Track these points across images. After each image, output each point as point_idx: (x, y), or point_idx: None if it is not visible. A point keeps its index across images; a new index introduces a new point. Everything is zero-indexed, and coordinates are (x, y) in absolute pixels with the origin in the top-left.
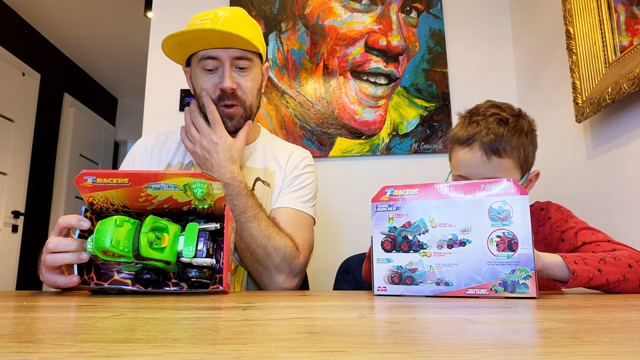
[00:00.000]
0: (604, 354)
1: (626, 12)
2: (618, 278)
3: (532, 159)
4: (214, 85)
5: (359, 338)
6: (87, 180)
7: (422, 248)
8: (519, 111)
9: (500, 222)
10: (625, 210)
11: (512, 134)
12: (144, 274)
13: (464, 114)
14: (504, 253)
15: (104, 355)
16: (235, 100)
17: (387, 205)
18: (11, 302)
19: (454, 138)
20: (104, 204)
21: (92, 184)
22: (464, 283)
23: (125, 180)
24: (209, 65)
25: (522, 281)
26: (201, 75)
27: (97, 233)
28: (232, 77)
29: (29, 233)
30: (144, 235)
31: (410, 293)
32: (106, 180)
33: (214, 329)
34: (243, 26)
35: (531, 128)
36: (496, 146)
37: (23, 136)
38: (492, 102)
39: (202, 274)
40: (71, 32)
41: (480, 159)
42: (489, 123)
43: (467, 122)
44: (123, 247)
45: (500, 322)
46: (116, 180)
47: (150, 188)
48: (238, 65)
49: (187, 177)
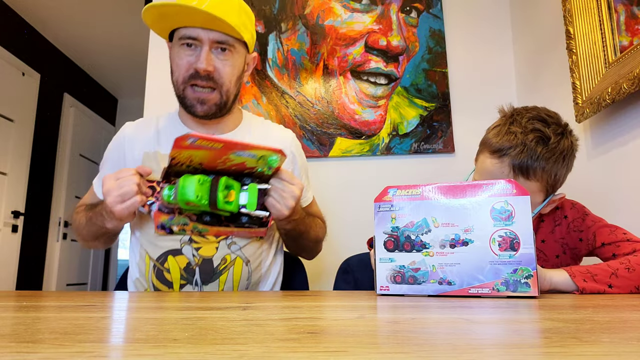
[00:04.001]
0: (604, 354)
1: (626, 12)
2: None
3: (562, 182)
4: (189, 63)
5: (359, 338)
6: (187, 140)
7: (425, 248)
8: (564, 128)
9: (502, 222)
10: (626, 210)
11: (548, 158)
12: (204, 217)
13: (507, 113)
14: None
15: (104, 355)
16: (210, 82)
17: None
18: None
19: (487, 142)
20: (185, 160)
21: (189, 144)
22: (466, 282)
23: (219, 146)
24: (188, 42)
25: (524, 280)
26: (179, 52)
27: (182, 187)
28: (209, 59)
29: (29, 233)
30: (220, 193)
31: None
32: (205, 143)
33: (214, 329)
34: (232, 11)
35: (572, 150)
36: (526, 167)
37: (23, 136)
38: (538, 112)
39: (252, 220)
40: (71, 32)
41: (506, 175)
42: (527, 139)
43: (504, 130)
44: (204, 201)
45: (500, 322)
46: (212, 145)
47: (234, 154)
48: (219, 47)
49: (266, 150)
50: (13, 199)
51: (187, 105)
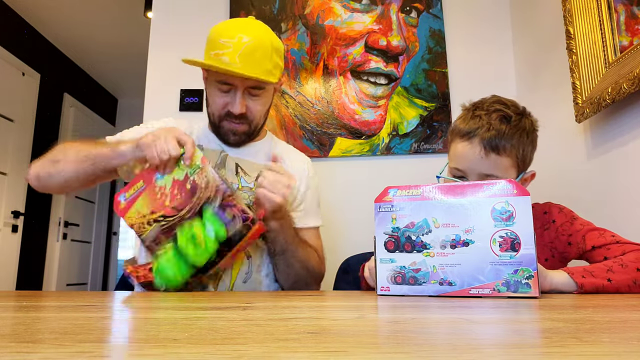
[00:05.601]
0: (604, 354)
1: (626, 12)
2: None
3: (530, 159)
4: (225, 103)
5: (359, 338)
6: (120, 201)
7: (426, 248)
8: (523, 110)
9: (503, 223)
10: (625, 210)
11: (514, 133)
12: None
13: (468, 106)
14: (507, 253)
15: (104, 355)
16: (242, 120)
17: (390, 206)
18: (11, 302)
19: (455, 130)
20: (139, 219)
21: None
22: (467, 283)
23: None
24: (224, 88)
25: (525, 281)
26: (216, 92)
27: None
28: (242, 102)
29: (29, 233)
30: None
31: (413, 293)
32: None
33: (214, 329)
34: (264, 58)
35: (533, 128)
36: (496, 143)
37: (23, 136)
38: (498, 98)
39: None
40: (71, 32)
41: (478, 154)
42: (491, 119)
43: (470, 116)
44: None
45: (500, 322)
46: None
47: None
48: (251, 92)
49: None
50: (13, 199)
51: (221, 134)
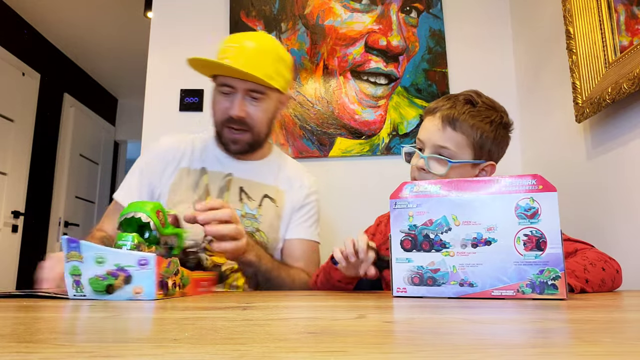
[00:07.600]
0: (604, 354)
1: (626, 12)
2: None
3: (493, 152)
4: (225, 108)
5: (359, 338)
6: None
7: (445, 247)
8: (498, 107)
9: (527, 220)
10: (625, 210)
11: (474, 115)
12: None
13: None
14: (532, 252)
15: (104, 355)
16: (243, 126)
17: (407, 202)
18: (11, 302)
19: (426, 109)
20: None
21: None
22: (489, 284)
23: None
24: (225, 90)
25: (551, 282)
26: (218, 97)
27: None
28: (242, 105)
29: (29, 233)
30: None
31: (431, 294)
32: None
33: (214, 329)
34: (265, 62)
35: (501, 123)
36: (454, 119)
37: (23, 136)
38: (479, 92)
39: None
40: (71, 32)
41: (436, 126)
42: (457, 100)
43: (442, 98)
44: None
45: (500, 322)
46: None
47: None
48: (251, 95)
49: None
50: (13, 199)
51: (223, 142)
